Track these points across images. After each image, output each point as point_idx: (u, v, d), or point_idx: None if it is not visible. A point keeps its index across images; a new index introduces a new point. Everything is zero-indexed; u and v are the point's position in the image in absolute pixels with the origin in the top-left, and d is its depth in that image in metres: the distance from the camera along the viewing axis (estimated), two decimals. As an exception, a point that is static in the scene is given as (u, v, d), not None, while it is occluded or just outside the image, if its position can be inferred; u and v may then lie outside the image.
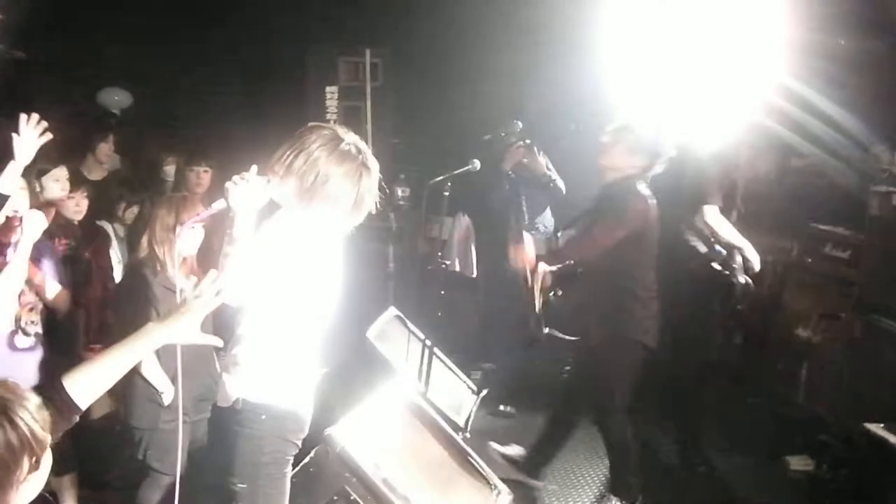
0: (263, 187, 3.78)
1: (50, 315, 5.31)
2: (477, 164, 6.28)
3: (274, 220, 4.03)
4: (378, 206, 3.99)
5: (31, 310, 5.16)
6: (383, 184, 3.99)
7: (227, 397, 4.05)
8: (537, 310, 6.01)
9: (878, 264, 6.83)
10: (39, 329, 5.21)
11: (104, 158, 7.99)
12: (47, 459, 2.29)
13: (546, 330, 6.06)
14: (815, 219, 7.69)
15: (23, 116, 4.68)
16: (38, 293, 5.16)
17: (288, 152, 3.83)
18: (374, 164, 3.93)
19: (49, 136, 4.76)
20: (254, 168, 3.78)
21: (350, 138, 3.91)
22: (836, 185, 7.53)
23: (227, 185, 3.75)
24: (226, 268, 3.76)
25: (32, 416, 2.22)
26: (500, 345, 8.62)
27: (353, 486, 4.40)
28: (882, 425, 5.72)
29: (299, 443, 4.12)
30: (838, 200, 7.60)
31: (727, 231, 6.47)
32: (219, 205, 3.78)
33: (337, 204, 3.83)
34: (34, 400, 2.28)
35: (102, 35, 9.69)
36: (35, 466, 2.23)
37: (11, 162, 4.70)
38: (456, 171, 6.30)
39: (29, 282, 5.09)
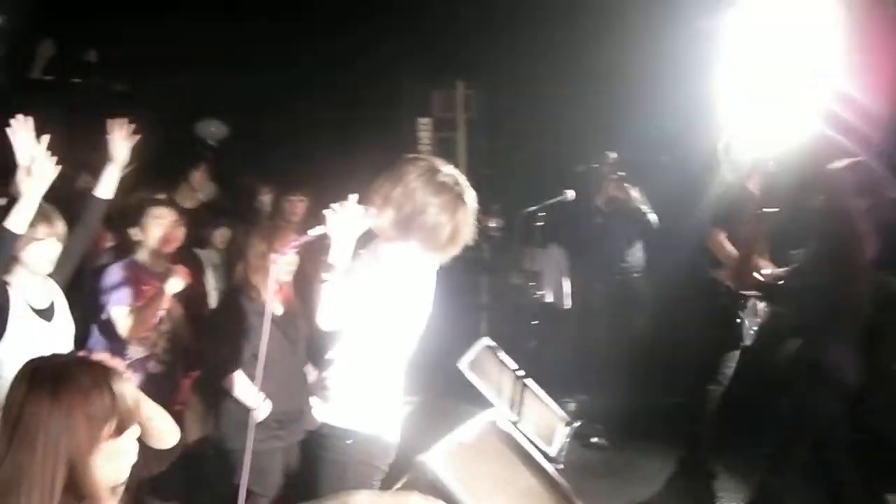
0: (362, 216, 3.82)
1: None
2: (571, 194, 6.27)
3: (371, 250, 4.07)
4: (473, 237, 4.01)
5: (165, 337, 5.32)
6: (479, 216, 4.02)
7: (314, 422, 4.09)
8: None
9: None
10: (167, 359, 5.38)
11: (198, 186, 8.14)
12: (131, 434, 2.51)
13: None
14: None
15: (111, 122, 4.85)
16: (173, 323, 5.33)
17: (386, 183, 3.87)
18: (470, 196, 3.97)
19: (137, 136, 4.91)
20: (353, 197, 3.82)
21: (447, 170, 3.95)
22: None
23: (326, 212, 3.80)
24: (323, 294, 3.81)
25: (124, 390, 2.48)
26: (594, 376, 8.58)
27: (444, 513, 4.38)
28: None
29: (385, 468, 4.14)
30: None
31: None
32: (317, 231, 3.84)
33: (433, 235, 3.86)
34: (130, 382, 2.54)
35: (200, 68, 9.89)
36: (116, 433, 2.45)
37: (109, 164, 4.87)
38: (549, 202, 6.29)
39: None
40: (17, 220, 4.10)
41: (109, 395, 2.42)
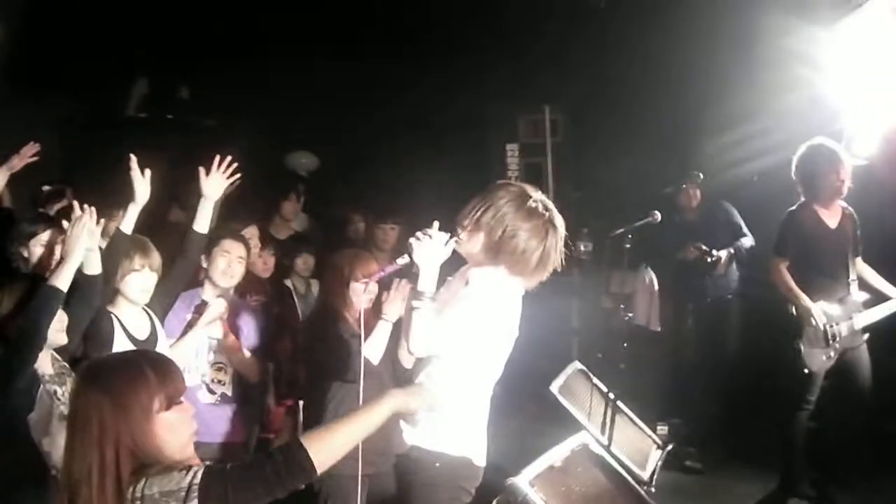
0: (445, 243, 3.87)
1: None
2: (658, 215, 6.25)
3: (460, 275, 4.13)
4: (562, 261, 4.04)
5: (219, 370, 5.38)
6: (568, 241, 4.05)
7: (403, 445, 4.13)
8: None
9: None
10: (228, 390, 5.42)
11: (289, 216, 8.29)
12: (182, 409, 2.66)
13: None
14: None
15: (216, 158, 5.08)
16: (229, 356, 5.38)
17: (477, 207, 3.95)
18: (560, 222, 4.03)
19: (236, 178, 5.13)
20: (435, 224, 3.89)
21: (537, 196, 4.01)
22: None
23: (411, 241, 3.87)
24: (414, 321, 3.87)
25: (171, 369, 2.67)
26: (687, 399, 8.52)
27: (535, 536, 4.39)
28: None
29: (473, 491, 4.16)
30: None
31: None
32: (403, 260, 3.91)
33: (522, 259, 3.91)
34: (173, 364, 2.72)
35: (291, 101, 10.07)
36: (171, 403, 2.61)
37: (203, 199, 5.08)
38: (636, 224, 6.27)
39: (220, 342, 5.33)
40: (62, 278, 4.18)
41: (151, 373, 2.58)
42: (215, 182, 5.10)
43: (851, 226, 6.58)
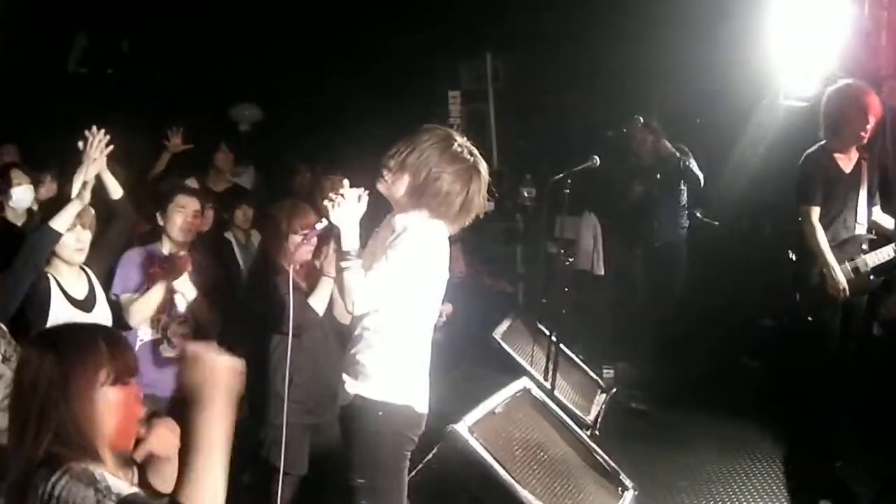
0: (359, 198, 3.89)
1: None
2: (596, 160, 6.23)
3: (387, 224, 4.13)
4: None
5: (181, 323, 5.36)
6: (491, 187, 4.08)
7: (347, 396, 4.14)
8: None
9: None
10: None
11: (223, 167, 8.24)
12: (131, 391, 2.58)
13: None
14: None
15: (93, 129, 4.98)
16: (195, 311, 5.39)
17: (402, 149, 3.94)
18: (484, 168, 4.05)
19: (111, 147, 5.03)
20: (346, 182, 3.91)
21: (461, 140, 4.02)
22: None
23: (325, 204, 3.89)
24: (347, 281, 3.89)
25: (122, 344, 2.64)
26: (633, 344, 8.60)
27: (475, 482, 4.42)
28: None
29: (416, 438, 4.17)
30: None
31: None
32: (322, 224, 3.93)
33: (446, 202, 3.92)
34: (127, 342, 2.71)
35: (233, 53, 9.98)
36: (118, 380, 2.53)
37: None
38: (575, 169, 6.26)
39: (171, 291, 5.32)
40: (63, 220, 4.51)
41: (104, 344, 2.53)
42: (96, 152, 5.05)
43: (868, 171, 6.38)
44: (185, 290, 5.32)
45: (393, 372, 4.05)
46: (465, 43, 9.90)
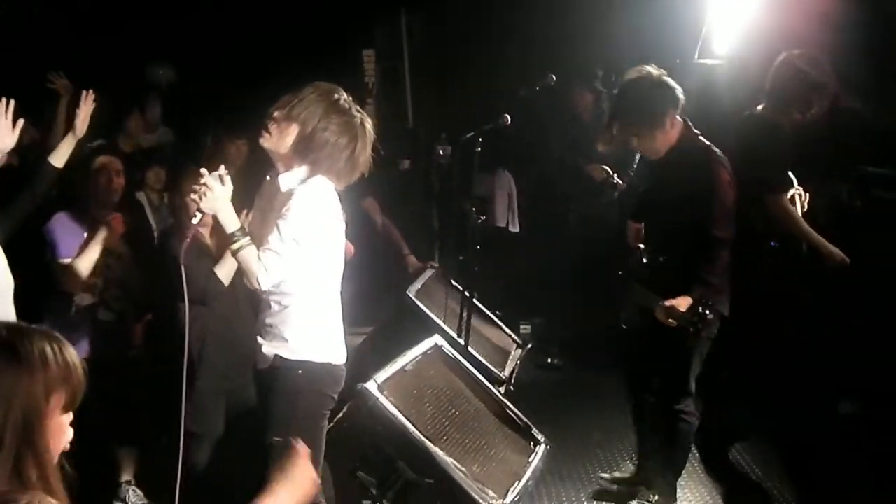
0: (223, 182, 3.93)
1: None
2: (507, 118, 6.24)
3: (270, 182, 4.15)
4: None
5: (117, 285, 5.34)
6: (377, 145, 4.13)
7: (264, 359, 4.16)
8: None
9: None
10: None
11: (134, 133, 8.16)
12: (69, 419, 2.35)
13: None
14: (863, 160, 7.43)
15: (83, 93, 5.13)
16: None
17: (288, 102, 3.98)
18: (369, 124, 4.12)
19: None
20: (203, 171, 3.95)
21: (345, 96, 4.09)
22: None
23: (188, 199, 4.00)
24: (243, 261, 3.97)
25: (77, 364, 2.36)
26: (550, 300, 8.67)
27: (385, 440, 4.45)
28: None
29: (335, 396, 4.23)
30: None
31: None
32: (197, 219, 3.98)
33: (333, 155, 3.99)
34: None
35: (148, 13, 9.83)
36: (70, 406, 2.32)
37: (70, 135, 5.05)
38: (485, 127, 6.27)
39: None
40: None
41: (64, 362, 2.31)
42: (86, 119, 5.04)
43: None
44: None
45: (307, 331, 4.12)
46: (379, 1, 9.85)
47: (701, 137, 5.33)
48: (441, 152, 8.23)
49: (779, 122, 5.82)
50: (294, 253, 3.94)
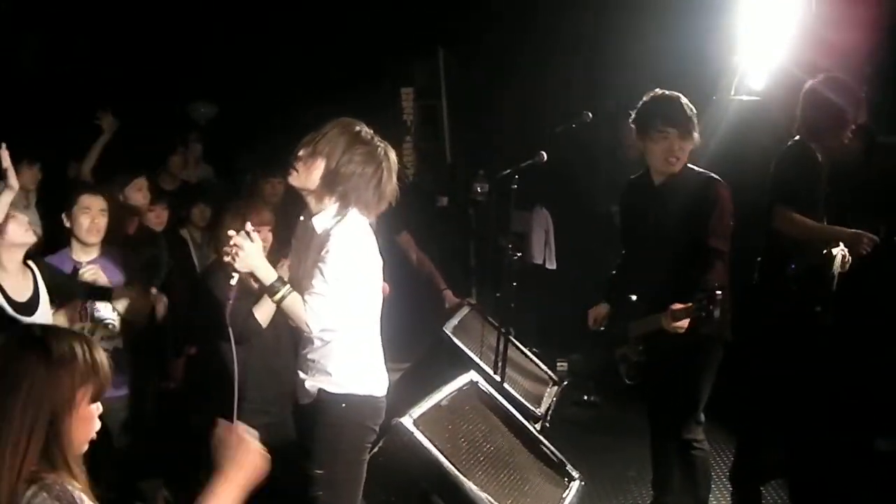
0: (251, 238, 4.01)
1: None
2: (543, 155, 6.27)
3: (303, 224, 4.21)
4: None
5: (105, 327, 5.29)
6: (404, 174, 4.20)
7: (307, 393, 4.23)
8: None
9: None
10: (118, 343, 5.37)
11: (176, 170, 8.27)
12: (98, 411, 2.54)
13: None
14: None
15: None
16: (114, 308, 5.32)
17: (311, 138, 4.06)
18: (392, 153, 4.18)
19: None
20: (231, 233, 4.02)
21: (366, 128, 4.15)
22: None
23: (225, 260, 4.03)
24: (289, 310, 4.08)
25: (103, 360, 2.55)
26: (586, 336, 8.65)
27: (420, 474, 4.47)
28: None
29: (377, 428, 4.28)
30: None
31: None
32: (235, 280, 4.05)
33: (360, 185, 4.05)
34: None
35: (190, 51, 9.98)
36: (95, 398, 2.51)
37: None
38: (522, 165, 6.30)
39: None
40: None
41: (91, 359, 2.49)
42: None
43: None
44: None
45: (350, 365, 4.19)
46: (418, 39, 9.93)
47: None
48: (479, 189, 8.30)
49: (809, 147, 5.74)
50: (338, 292, 4.00)
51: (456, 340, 6.30)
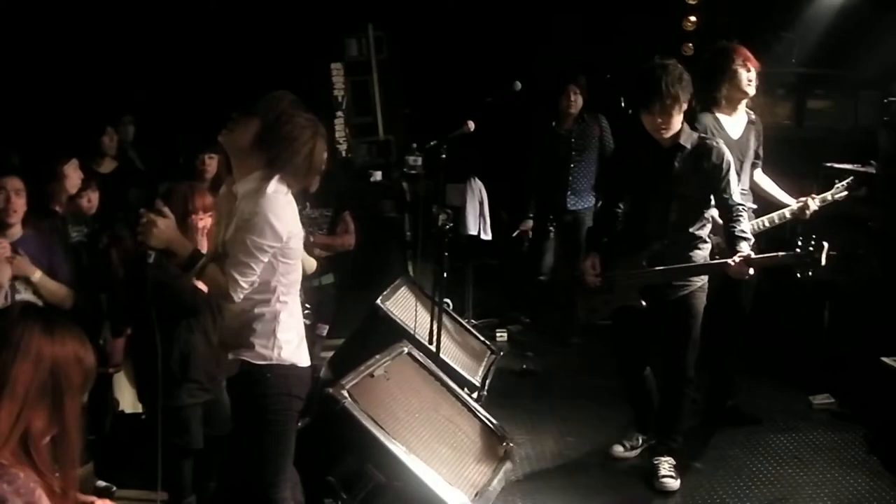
0: (162, 214, 4.01)
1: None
2: (470, 125, 6.25)
3: (228, 195, 4.19)
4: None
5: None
6: (338, 149, 4.18)
7: (231, 366, 4.19)
8: None
9: (891, 198, 6.75)
10: None
11: (108, 151, 8.18)
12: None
13: None
14: (830, 158, 7.48)
15: None
16: (36, 292, 5.25)
17: (249, 105, 4.02)
18: (323, 130, 4.17)
19: None
20: (142, 211, 4.00)
21: (297, 99, 4.12)
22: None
23: (139, 238, 3.98)
24: (209, 282, 4.12)
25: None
26: (525, 305, 8.70)
27: (353, 444, 4.48)
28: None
29: (303, 396, 4.26)
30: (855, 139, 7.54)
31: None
32: (151, 258, 3.99)
33: (293, 149, 4.01)
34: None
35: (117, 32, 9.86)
36: (86, 388, 2.51)
37: None
38: (450, 135, 6.27)
39: (27, 279, 5.20)
40: None
41: (92, 352, 2.48)
42: None
43: (755, 135, 6.32)
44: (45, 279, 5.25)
45: (271, 335, 4.15)
46: (348, 14, 9.88)
47: None
48: (411, 162, 8.27)
49: None
50: (259, 262, 3.97)
51: (391, 313, 6.28)
